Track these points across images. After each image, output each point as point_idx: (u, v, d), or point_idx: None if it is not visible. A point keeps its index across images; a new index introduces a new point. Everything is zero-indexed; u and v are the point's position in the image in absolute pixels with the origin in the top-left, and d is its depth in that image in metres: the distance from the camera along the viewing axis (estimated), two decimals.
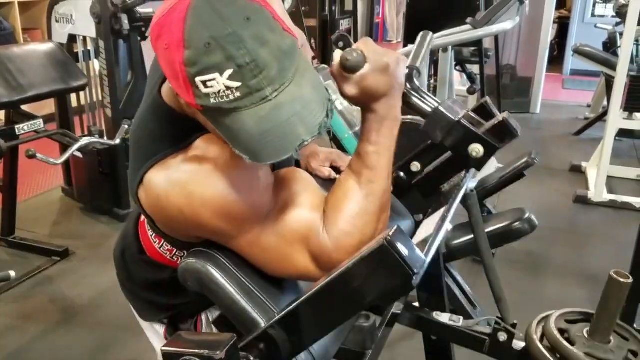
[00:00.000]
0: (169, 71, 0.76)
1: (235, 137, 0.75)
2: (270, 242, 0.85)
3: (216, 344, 0.60)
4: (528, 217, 2.06)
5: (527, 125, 5.46)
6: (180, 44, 0.72)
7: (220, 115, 0.75)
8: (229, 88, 0.72)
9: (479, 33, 3.37)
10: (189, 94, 0.74)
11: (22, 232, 2.96)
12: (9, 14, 4.90)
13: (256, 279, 0.83)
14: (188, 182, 0.84)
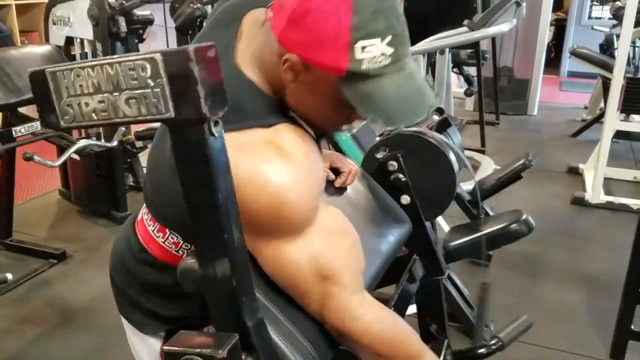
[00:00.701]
0: (310, 37, 0.79)
1: (372, 102, 0.80)
2: (300, 262, 0.83)
3: (218, 343, 0.60)
4: (525, 218, 2.06)
5: (525, 127, 5.48)
6: (349, 9, 0.77)
7: (360, 81, 0.80)
8: (383, 54, 0.79)
9: (476, 35, 3.37)
10: (339, 57, 0.78)
11: (20, 234, 2.95)
12: (7, 16, 4.89)
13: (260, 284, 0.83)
14: (260, 161, 0.81)
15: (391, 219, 1.21)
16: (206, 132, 0.58)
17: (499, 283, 2.66)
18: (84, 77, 0.59)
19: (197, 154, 0.60)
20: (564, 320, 2.39)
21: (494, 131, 5.22)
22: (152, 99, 0.57)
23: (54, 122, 0.61)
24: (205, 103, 0.56)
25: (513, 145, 4.75)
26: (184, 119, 0.57)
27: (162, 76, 0.56)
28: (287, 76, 0.85)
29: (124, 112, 0.58)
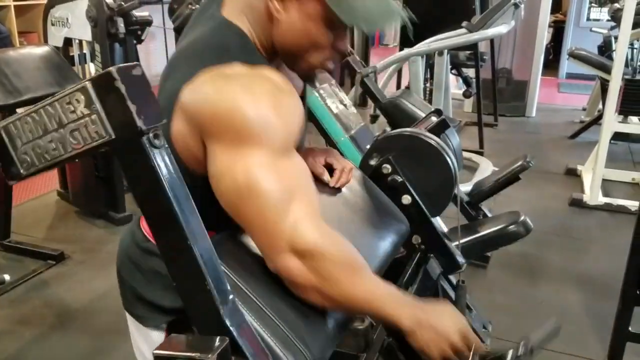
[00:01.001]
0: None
1: (354, 10, 0.91)
2: (272, 178, 0.84)
3: (208, 347, 0.60)
4: (523, 220, 2.07)
5: (523, 129, 5.49)
6: None
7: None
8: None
9: (474, 37, 3.38)
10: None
11: (18, 235, 2.95)
12: (5, 17, 4.89)
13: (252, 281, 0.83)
14: (250, 82, 0.87)
15: (389, 220, 1.21)
16: (146, 145, 0.61)
17: (497, 284, 2.67)
18: (31, 122, 0.64)
19: (143, 168, 0.62)
20: (562, 321, 2.37)
21: (493, 132, 5.22)
22: (92, 126, 0.61)
23: (15, 173, 0.66)
24: (138, 117, 0.59)
25: (511, 147, 4.75)
26: (123, 137, 0.60)
27: (95, 102, 0.59)
28: (275, 6, 0.92)
29: (72, 144, 0.62)
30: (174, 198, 0.63)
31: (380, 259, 1.09)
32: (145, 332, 1.11)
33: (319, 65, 1.01)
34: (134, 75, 0.60)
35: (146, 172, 0.62)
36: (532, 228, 2.07)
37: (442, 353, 0.93)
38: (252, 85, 0.87)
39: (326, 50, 0.99)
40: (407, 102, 2.65)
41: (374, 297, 0.90)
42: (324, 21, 0.93)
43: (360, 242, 0.97)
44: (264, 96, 0.86)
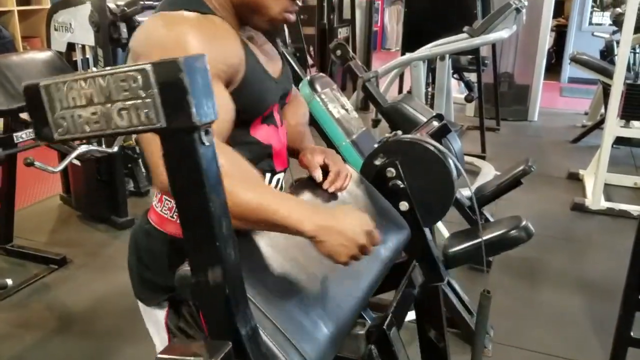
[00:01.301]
0: None
1: None
2: None
3: (211, 351, 0.60)
4: (525, 224, 2.06)
5: (525, 133, 5.49)
6: None
7: None
8: None
9: (476, 42, 3.38)
10: None
11: (20, 239, 2.96)
12: (9, 22, 4.92)
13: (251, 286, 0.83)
14: (179, 16, 0.97)
15: (390, 225, 1.21)
16: (197, 141, 0.59)
17: (499, 288, 2.66)
18: (77, 89, 0.59)
19: (188, 163, 0.60)
20: (564, 325, 2.39)
21: (495, 137, 5.22)
22: (144, 110, 0.57)
23: (48, 135, 0.62)
24: (196, 112, 0.56)
25: (513, 151, 4.76)
26: (175, 128, 0.58)
27: (154, 87, 0.56)
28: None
29: (116, 123, 0.59)
30: (211, 198, 0.62)
31: (382, 263, 1.09)
32: (149, 312, 1.17)
33: (280, 17, 1.08)
34: (198, 68, 0.58)
35: (191, 167, 0.61)
36: (534, 233, 2.06)
37: (352, 256, 0.93)
38: (177, 18, 0.96)
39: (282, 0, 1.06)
40: (409, 107, 2.65)
41: (268, 203, 0.90)
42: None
43: None
44: (185, 26, 0.94)
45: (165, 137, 0.60)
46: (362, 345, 1.03)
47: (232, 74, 1.00)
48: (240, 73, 1.02)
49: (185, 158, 0.60)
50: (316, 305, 0.89)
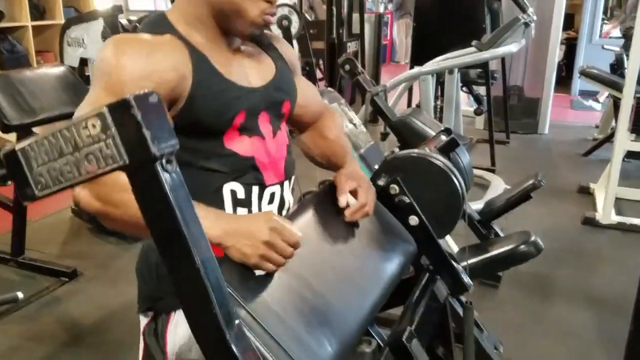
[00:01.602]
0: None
1: None
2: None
3: None
4: (534, 240, 2.06)
5: (535, 146, 5.47)
6: None
7: None
8: None
9: (484, 56, 3.40)
10: None
11: (32, 252, 2.98)
12: (23, 37, 5.00)
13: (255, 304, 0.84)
14: (125, 40, 1.07)
15: (395, 240, 1.22)
16: (159, 171, 0.63)
17: (508, 303, 2.65)
18: (47, 145, 0.65)
19: (155, 192, 0.64)
20: (574, 340, 2.36)
21: (505, 150, 5.21)
22: (107, 151, 0.62)
23: (30, 194, 0.67)
24: (152, 143, 0.60)
25: (523, 164, 4.73)
26: (137, 162, 0.62)
27: (111, 127, 0.61)
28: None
29: (86, 168, 0.63)
30: (183, 223, 0.65)
31: (387, 279, 1.09)
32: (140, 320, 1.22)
33: (259, 20, 1.12)
34: (150, 102, 0.62)
35: (157, 196, 0.64)
36: (543, 248, 2.06)
37: (260, 255, 0.91)
38: (120, 41, 1.05)
39: (258, 2, 1.10)
40: (417, 121, 2.66)
41: None
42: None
43: (367, 262, 0.98)
44: (122, 48, 1.02)
45: (130, 172, 0.64)
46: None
47: (170, 88, 1.03)
48: (183, 86, 1.05)
49: (152, 188, 0.64)
50: (320, 322, 0.89)
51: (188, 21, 1.11)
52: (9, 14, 4.95)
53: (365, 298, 1.01)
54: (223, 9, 1.10)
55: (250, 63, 1.18)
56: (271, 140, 1.17)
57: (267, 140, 1.16)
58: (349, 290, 0.96)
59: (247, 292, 0.84)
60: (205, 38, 1.12)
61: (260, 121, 1.16)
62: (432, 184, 1.34)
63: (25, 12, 4.95)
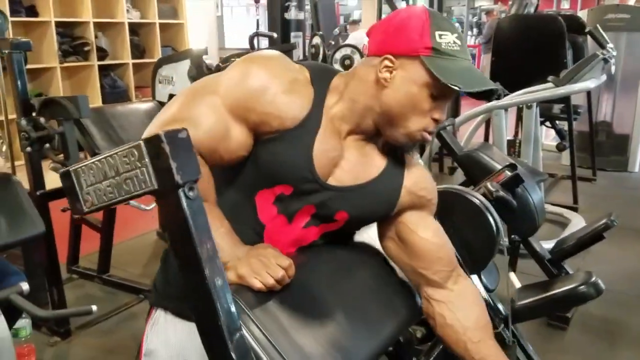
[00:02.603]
0: (402, 35, 1.08)
1: (451, 73, 1.04)
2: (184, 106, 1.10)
3: None
4: (594, 280, 1.99)
5: (624, 185, 5.20)
6: (426, 16, 1.08)
7: (440, 59, 1.06)
8: (454, 42, 1.07)
9: (559, 91, 3.33)
10: (424, 40, 1.06)
11: (116, 270, 3.23)
12: (124, 74, 5.49)
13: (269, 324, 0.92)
14: (272, 64, 1.12)
15: (396, 304, 1.21)
16: (182, 196, 0.73)
17: (575, 347, 2.54)
18: (94, 169, 0.78)
19: (177, 215, 0.74)
20: None
21: (590, 187, 5.00)
22: (141, 177, 0.73)
23: (80, 209, 0.81)
24: (177, 173, 0.71)
25: (609, 203, 4.51)
26: (164, 188, 0.72)
27: (145, 157, 0.73)
28: (384, 75, 1.08)
29: (125, 190, 0.75)
30: (199, 244, 0.75)
31: (399, 321, 1.14)
32: None
33: (417, 134, 1.11)
34: (179, 138, 0.73)
35: (178, 219, 0.75)
36: (604, 290, 1.98)
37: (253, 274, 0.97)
38: (273, 63, 1.11)
39: (425, 118, 1.10)
40: (484, 155, 2.65)
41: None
42: (426, 86, 1.07)
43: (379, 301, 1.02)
44: (266, 71, 1.08)
45: (158, 196, 0.75)
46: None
47: (262, 128, 1.09)
48: (270, 134, 1.09)
49: (174, 211, 0.74)
50: (329, 345, 0.96)
51: (345, 97, 1.12)
52: (112, 52, 5.47)
53: (378, 332, 1.06)
54: (390, 112, 1.10)
55: (347, 158, 1.15)
56: (295, 230, 1.16)
57: (291, 226, 1.15)
58: (361, 321, 1.02)
59: (260, 310, 0.93)
60: (342, 115, 1.12)
61: (302, 211, 1.14)
62: (467, 221, 1.37)
63: (127, 51, 5.46)
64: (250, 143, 1.09)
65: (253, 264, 0.98)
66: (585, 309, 2.81)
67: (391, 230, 1.23)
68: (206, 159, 1.06)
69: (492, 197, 2.15)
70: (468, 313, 1.19)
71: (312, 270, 1.09)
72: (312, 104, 1.10)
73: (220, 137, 1.06)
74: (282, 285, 0.98)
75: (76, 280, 3.26)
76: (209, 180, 1.07)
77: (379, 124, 1.12)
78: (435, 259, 1.20)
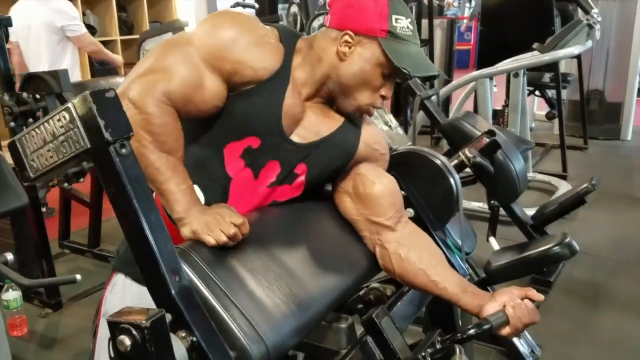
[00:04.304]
0: (361, 13, 1.15)
1: (403, 56, 1.13)
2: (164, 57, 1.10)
3: (147, 316, 0.73)
4: (568, 241, 2.01)
5: (616, 153, 5.21)
6: (385, 3, 1.14)
7: (395, 42, 1.14)
8: (408, 27, 1.15)
9: (544, 58, 3.33)
10: (382, 22, 1.14)
11: (107, 244, 3.27)
12: (113, 51, 5.42)
13: (224, 275, 0.95)
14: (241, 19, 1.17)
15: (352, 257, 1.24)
16: (113, 153, 0.76)
17: (556, 310, 2.58)
18: (35, 135, 0.81)
19: (111, 172, 0.77)
20: (622, 352, 2.28)
21: (581, 156, 5.01)
22: (75, 138, 0.77)
23: (28, 177, 0.84)
24: (106, 131, 0.74)
25: (599, 171, 4.51)
26: (95, 146, 0.76)
27: (76, 118, 0.76)
28: (343, 49, 1.15)
29: (62, 153, 0.78)
30: (135, 197, 0.78)
31: (359, 269, 1.17)
32: None
33: (365, 107, 1.20)
34: (106, 97, 0.76)
35: (113, 175, 0.77)
36: (578, 250, 2.01)
37: (207, 230, 1.00)
38: (242, 17, 1.16)
39: (375, 94, 1.19)
40: (467, 124, 2.66)
41: (164, 172, 1.03)
42: (379, 65, 1.15)
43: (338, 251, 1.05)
44: (239, 24, 1.13)
45: (92, 155, 0.77)
46: (342, 338, 1.10)
47: (236, 78, 1.12)
48: (244, 85, 1.13)
49: (108, 168, 0.77)
50: (285, 295, 0.99)
51: (306, 61, 1.19)
52: (100, 29, 5.43)
53: (334, 285, 1.10)
54: (346, 83, 1.17)
55: (309, 116, 1.21)
56: (261, 187, 1.19)
57: (257, 182, 1.18)
58: (318, 271, 1.05)
59: (218, 266, 0.96)
60: (304, 79, 1.19)
61: (269, 165, 1.18)
62: (428, 180, 1.39)
63: (114, 27, 5.42)
64: (224, 94, 1.13)
65: (207, 221, 1.02)
66: (568, 273, 2.86)
67: (347, 184, 1.28)
68: (180, 111, 1.09)
69: (469, 162, 2.18)
70: (420, 246, 1.26)
71: (269, 227, 1.12)
72: (283, 59, 1.17)
73: (195, 86, 1.09)
74: (235, 242, 1.01)
75: (68, 255, 3.31)
76: (178, 136, 1.09)
77: (333, 92, 1.20)
78: (390, 205, 1.25)
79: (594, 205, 3.11)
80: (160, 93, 1.04)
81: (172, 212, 1.04)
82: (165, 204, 1.05)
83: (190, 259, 0.94)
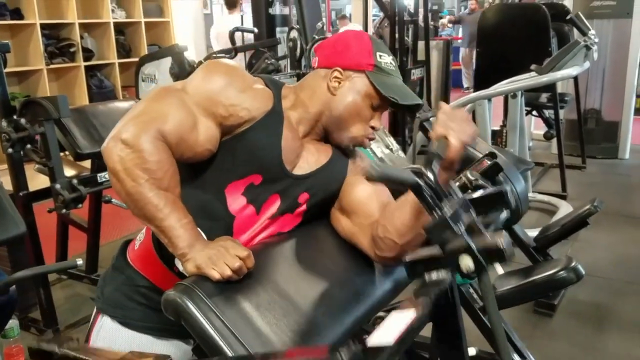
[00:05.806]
0: (348, 52, 1.25)
1: (390, 87, 1.22)
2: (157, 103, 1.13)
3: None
4: (574, 265, 2.00)
5: (614, 172, 5.20)
6: (367, 38, 1.27)
7: (381, 75, 1.23)
8: (391, 63, 1.26)
9: (542, 80, 3.33)
10: (369, 58, 1.24)
11: (105, 270, 3.21)
12: (111, 74, 5.48)
13: (229, 312, 0.92)
14: (228, 68, 1.21)
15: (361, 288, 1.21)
16: None
17: (561, 333, 2.55)
18: None
19: None
20: None
21: (580, 175, 5.01)
22: None
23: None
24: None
25: (598, 190, 4.52)
26: None
27: None
28: (333, 85, 1.23)
29: None
30: None
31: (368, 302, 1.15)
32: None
33: (360, 138, 1.27)
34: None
35: None
36: (584, 274, 1.99)
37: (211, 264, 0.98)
38: (230, 67, 1.21)
39: (366, 124, 1.26)
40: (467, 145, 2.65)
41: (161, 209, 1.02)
42: (368, 97, 1.23)
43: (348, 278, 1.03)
44: (226, 73, 1.18)
45: None
46: None
47: (231, 121, 1.14)
48: (241, 126, 1.16)
49: None
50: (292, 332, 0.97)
51: (297, 103, 1.25)
52: (98, 52, 5.46)
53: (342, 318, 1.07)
54: (339, 116, 1.24)
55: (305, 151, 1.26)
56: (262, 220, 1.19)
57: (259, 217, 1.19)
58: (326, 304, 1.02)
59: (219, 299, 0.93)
60: (299, 118, 1.25)
61: (269, 200, 1.19)
62: None
63: (113, 51, 5.45)
64: (217, 138, 1.15)
65: (211, 254, 1.00)
66: (572, 296, 2.82)
67: (337, 204, 1.30)
68: (174, 152, 1.08)
69: (471, 186, 2.17)
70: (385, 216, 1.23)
71: (274, 259, 1.10)
72: (274, 100, 1.21)
73: (189, 128, 1.10)
74: (241, 276, 0.99)
75: (65, 281, 3.25)
76: (174, 172, 1.09)
77: (328, 127, 1.26)
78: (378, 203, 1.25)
79: (595, 225, 3.08)
80: (155, 131, 1.05)
81: (175, 249, 1.02)
82: (166, 242, 1.03)
83: (194, 296, 0.91)
